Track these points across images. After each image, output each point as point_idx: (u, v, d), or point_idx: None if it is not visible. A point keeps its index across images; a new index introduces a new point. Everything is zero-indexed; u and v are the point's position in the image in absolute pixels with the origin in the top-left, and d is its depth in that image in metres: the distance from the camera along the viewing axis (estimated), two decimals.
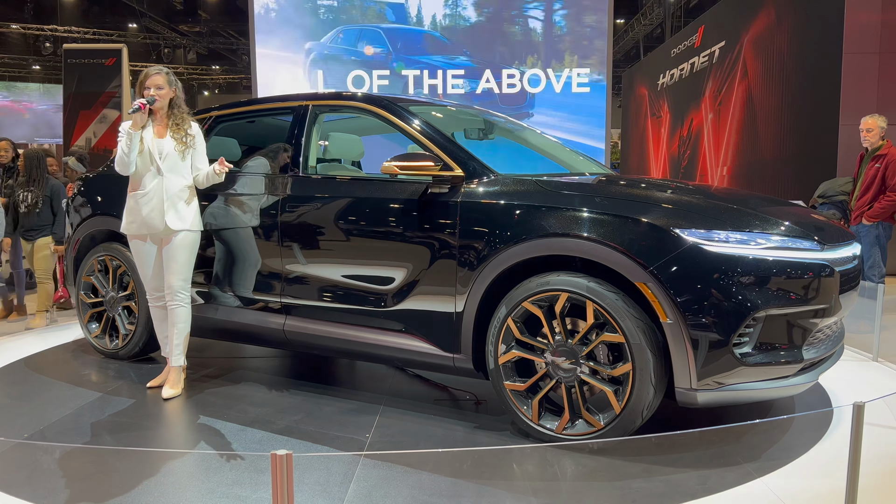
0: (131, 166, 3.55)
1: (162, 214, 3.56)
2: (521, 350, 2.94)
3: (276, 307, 3.64)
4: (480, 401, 3.49)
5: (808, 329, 2.75)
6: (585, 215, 2.83)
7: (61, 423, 3.25)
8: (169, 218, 3.57)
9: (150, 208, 3.57)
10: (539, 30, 10.68)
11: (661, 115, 16.49)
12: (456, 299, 3.08)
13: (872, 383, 3.84)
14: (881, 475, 2.64)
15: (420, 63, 10.58)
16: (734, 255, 2.66)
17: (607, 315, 2.73)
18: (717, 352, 2.61)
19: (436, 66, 10.53)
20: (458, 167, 3.16)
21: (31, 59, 24.53)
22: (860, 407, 1.94)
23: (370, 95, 3.70)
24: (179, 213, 3.60)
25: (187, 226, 3.62)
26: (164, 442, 3.11)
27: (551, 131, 7.94)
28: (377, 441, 2.98)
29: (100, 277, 4.30)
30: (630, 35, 22.51)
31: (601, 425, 2.78)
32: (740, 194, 3.44)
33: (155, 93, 3.55)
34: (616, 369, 2.74)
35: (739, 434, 2.97)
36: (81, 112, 12.19)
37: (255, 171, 3.82)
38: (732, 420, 3.08)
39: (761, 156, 10.75)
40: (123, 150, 3.50)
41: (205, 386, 3.78)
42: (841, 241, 2.97)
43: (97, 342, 4.35)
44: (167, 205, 3.57)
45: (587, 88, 10.44)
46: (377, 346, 3.34)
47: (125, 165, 3.54)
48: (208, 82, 28.92)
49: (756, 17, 10.95)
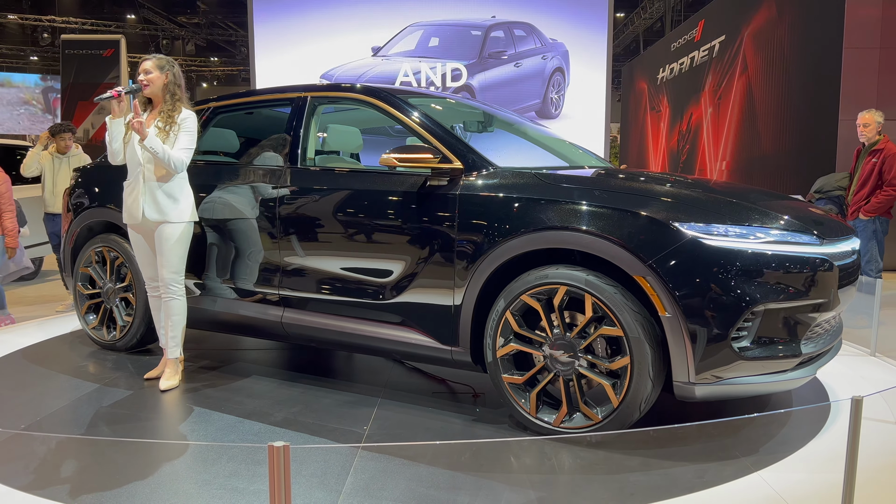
0: (118, 155, 3.54)
1: (139, 205, 3.51)
2: (519, 343, 2.94)
3: (273, 299, 3.63)
4: (478, 394, 3.49)
5: (806, 323, 2.75)
6: (584, 208, 2.83)
7: (58, 413, 3.25)
8: (146, 208, 3.50)
9: (133, 198, 3.55)
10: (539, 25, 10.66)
11: (661, 109, 16.46)
12: (454, 292, 3.08)
13: (870, 378, 3.85)
14: (879, 469, 2.65)
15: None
16: (733, 249, 2.65)
17: (606, 308, 2.72)
18: (715, 345, 2.61)
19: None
20: (457, 160, 3.15)
21: (29, 50, 24.43)
22: (858, 401, 1.94)
23: (369, 87, 3.68)
24: (158, 204, 3.50)
25: (167, 217, 3.51)
26: (162, 433, 3.11)
27: (550, 124, 7.93)
28: (375, 433, 2.98)
29: (97, 269, 4.29)
30: (630, 29, 22.45)
31: (599, 419, 2.78)
32: (739, 188, 3.44)
33: (144, 78, 3.52)
34: (614, 363, 2.74)
35: (737, 428, 2.98)
36: (80, 103, 12.15)
37: (253, 162, 3.80)
38: (730, 414, 3.08)
39: (761, 150, 10.74)
40: (107, 140, 3.52)
41: (202, 377, 3.77)
42: (840, 236, 2.97)
43: (95, 333, 4.34)
44: (145, 195, 3.50)
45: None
46: (375, 339, 3.33)
47: (112, 155, 3.55)
48: (207, 74, 28.83)
49: (756, 12, 10.91)
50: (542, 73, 10.95)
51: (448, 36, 10.99)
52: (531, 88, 10.90)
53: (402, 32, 11.00)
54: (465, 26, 10.90)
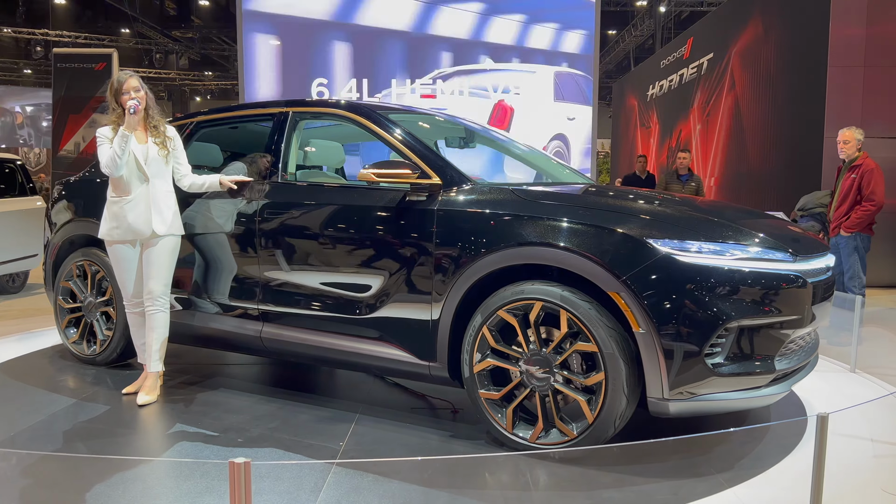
0: (122, 168, 3.53)
1: (149, 219, 3.57)
2: (496, 359, 2.94)
3: (253, 314, 3.62)
4: (457, 409, 3.48)
5: (780, 340, 2.76)
6: (560, 224, 2.84)
7: (33, 429, 3.22)
8: (155, 223, 3.58)
9: (137, 214, 3.56)
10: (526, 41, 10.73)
11: (651, 125, 16.59)
12: (432, 307, 3.08)
13: (849, 394, 3.86)
14: (852, 487, 2.65)
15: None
16: (707, 266, 2.67)
17: (580, 324, 2.73)
18: (689, 362, 2.61)
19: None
20: (436, 175, 3.16)
21: (23, 63, 24.46)
22: (824, 418, 1.95)
23: (351, 103, 3.70)
24: (164, 217, 3.61)
25: (172, 230, 3.65)
26: (137, 449, 3.09)
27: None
28: (351, 449, 2.97)
29: (78, 282, 4.27)
30: (621, 46, 22.66)
31: (574, 434, 2.78)
32: (718, 205, 3.46)
33: (136, 95, 3.54)
34: (589, 378, 2.74)
35: (712, 444, 2.98)
36: (71, 116, 12.15)
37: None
38: (705, 430, 3.08)
39: (748, 167, 10.83)
40: (117, 153, 3.48)
41: (181, 392, 3.75)
42: (814, 253, 2.99)
43: (75, 348, 4.31)
44: (154, 210, 3.58)
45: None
46: (353, 354, 3.32)
47: (117, 167, 3.51)
48: (200, 88, 28.92)
49: (744, 30, 11.04)
50: None
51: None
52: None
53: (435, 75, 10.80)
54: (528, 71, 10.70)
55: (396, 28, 10.67)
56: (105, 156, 3.52)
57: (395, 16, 10.63)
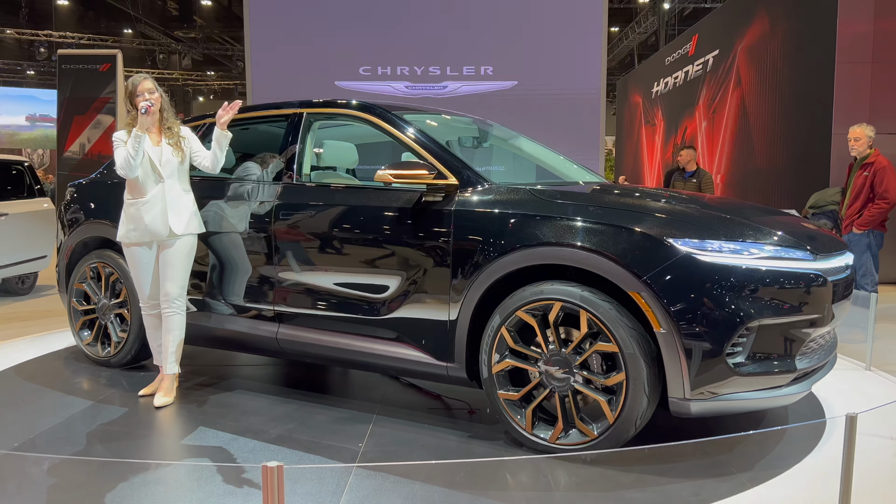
0: (136, 169, 3.53)
1: (165, 220, 3.57)
2: (514, 359, 2.93)
3: (269, 315, 3.62)
4: (474, 410, 3.48)
5: (801, 339, 2.76)
6: (579, 224, 2.83)
7: (52, 432, 3.23)
8: (172, 223, 3.58)
9: (153, 215, 3.56)
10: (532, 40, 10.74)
11: (656, 122, 16.55)
12: (450, 308, 3.07)
13: (866, 393, 3.85)
14: (874, 485, 2.64)
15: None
16: (727, 265, 2.66)
17: (601, 324, 2.72)
18: (710, 361, 2.61)
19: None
20: (453, 176, 3.16)
21: (26, 65, 24.48)
22: (853, 418, 1.94)
23: (364, 103, 3.69)
24: (181, 217, 3.61)
25: (190, 229, 3.64)
26: (156, 452, 3.09)
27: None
28: (370, 450, 2.97)
29: (92, 284, 4.28)
30: (625, 43, 22.61)
31: (595, 435, 2.77)
32: (733, 204, 3.45)
33: (150, 97, 3.55)
34: (609, 379, 2.74)
35: (733, 444, 2.97)
36: (76, 117, 12.16)
37: (249, 178, 3.81)
38: (726, 430, 3.08)
39: (755, 164, 10.80)
40: (130, 154, 3.48)
41: (197, 394, 3.76)
42: (833, 251, 2.98)
43: (89, 350, 4.32)
44: (170, 210, 3.58)
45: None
46: (370, 355, 3.32)
47: (131, 168, 3.51)
48: (203, 88, 28.92)
49: (750, 26, 11.01)
50: None
51: None
52: None
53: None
54: None
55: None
56: (120, 157, 3.52)
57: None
